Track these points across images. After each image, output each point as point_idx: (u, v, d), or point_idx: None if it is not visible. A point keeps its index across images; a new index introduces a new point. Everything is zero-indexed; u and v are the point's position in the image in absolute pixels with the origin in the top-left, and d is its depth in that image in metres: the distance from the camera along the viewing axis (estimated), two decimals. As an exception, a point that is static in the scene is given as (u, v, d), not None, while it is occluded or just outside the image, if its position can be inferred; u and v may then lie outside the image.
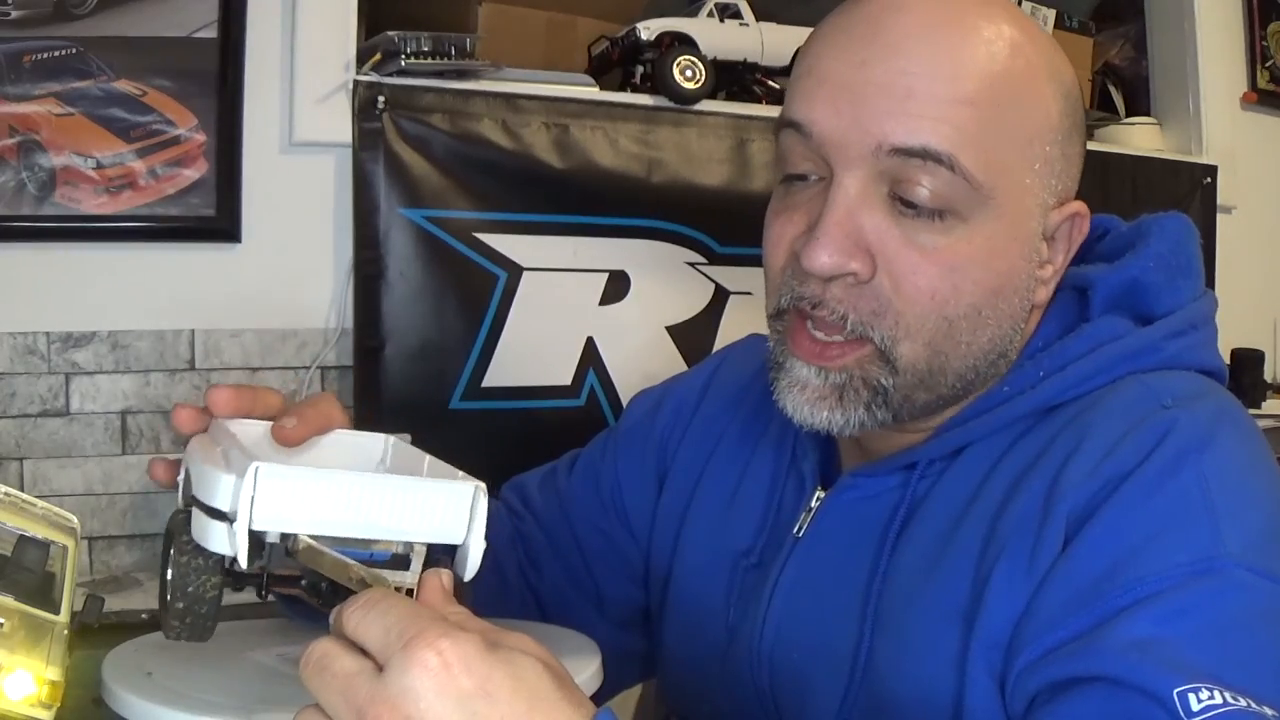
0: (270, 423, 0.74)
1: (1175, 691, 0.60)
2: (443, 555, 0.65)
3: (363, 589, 0.57)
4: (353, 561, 0.60)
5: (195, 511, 0.64)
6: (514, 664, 0.52)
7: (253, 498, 0.59)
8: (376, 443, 0.78)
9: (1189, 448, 0.69)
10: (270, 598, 0.71)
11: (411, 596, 0.58)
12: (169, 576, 0.67)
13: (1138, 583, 0.65)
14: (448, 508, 0.63)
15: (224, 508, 0.61)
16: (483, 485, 0.64)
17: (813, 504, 0.84)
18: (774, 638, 0.83)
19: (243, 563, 0.60)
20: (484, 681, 0.50)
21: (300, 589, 0.70)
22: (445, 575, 0.58)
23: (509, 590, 1.00)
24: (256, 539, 0.61)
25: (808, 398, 0.76)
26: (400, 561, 0.64)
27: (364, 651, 0.53)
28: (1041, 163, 0.75)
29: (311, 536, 0.61)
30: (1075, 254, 0.84)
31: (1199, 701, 0.60)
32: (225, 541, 0.61)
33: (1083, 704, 0.63)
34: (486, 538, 0.65)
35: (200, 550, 0.65)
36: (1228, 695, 0.60)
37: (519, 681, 0.51)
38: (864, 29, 0.73)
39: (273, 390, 0.76)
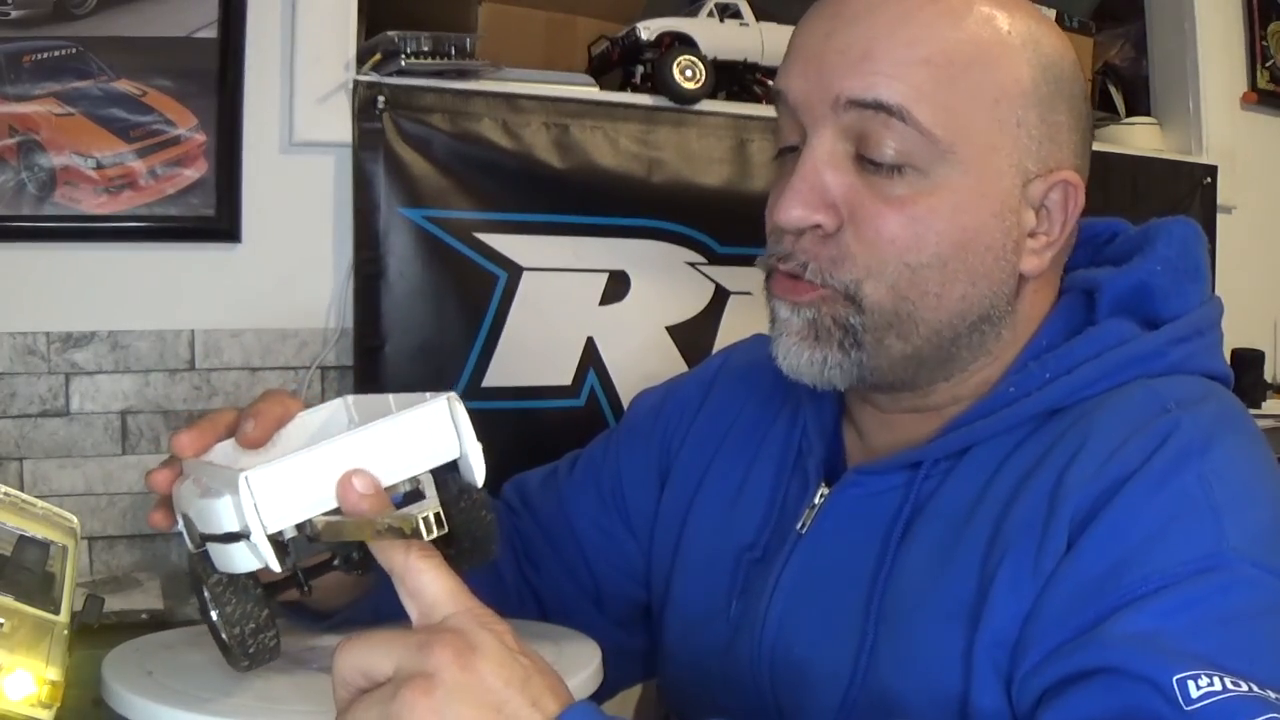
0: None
1: (1175, 679, 0.61)
2: (450, 474, 0.66)
3: (391, 535, 0.58)
4: (372, 517, 0.61)
5: (212, 547, 0.64)
6: (478, 681, 0.54)
7: (255, 505, 0.60)
8: (338, 407, 0.80)
9: (1191, 450, 0.70)
10: (310, 590, 0.72)
11: (439, 524, 0.58)
12: (216, 619, 0.67)
13: (1141, 580, 0.66)
14: (431, 429, 0.64)
15: (235, 528, 0.61)
16: (454, 395, 0.65)
17: (816, 500, 0.85)
18: (775, 633, 0.83)
19: (275, 567, 0.61)
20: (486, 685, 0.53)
21: (335, 568, 0.70)
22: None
23: (506, 588, 1.00)
24: (277, 540, 0.61)
25: (792, 341, 0.79)
26: (414, 496, 0.65)
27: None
28: (1014, 125, 0.76)
29: (324, 514, 0.61)
30: (1086, 257, 0.84)
31: (1198, 688, 0.60)
32: (251, 558, 0.62)
33: (1086, 697, 0.63)
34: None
35: (233, 583, 0.65)
36: (1228, 681, 0.61)
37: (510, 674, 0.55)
38: (833, 4, 0.78)
39: (225, 409, 0.77)
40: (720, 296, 1.96)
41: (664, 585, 0.96)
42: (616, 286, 1.89)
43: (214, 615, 0.67)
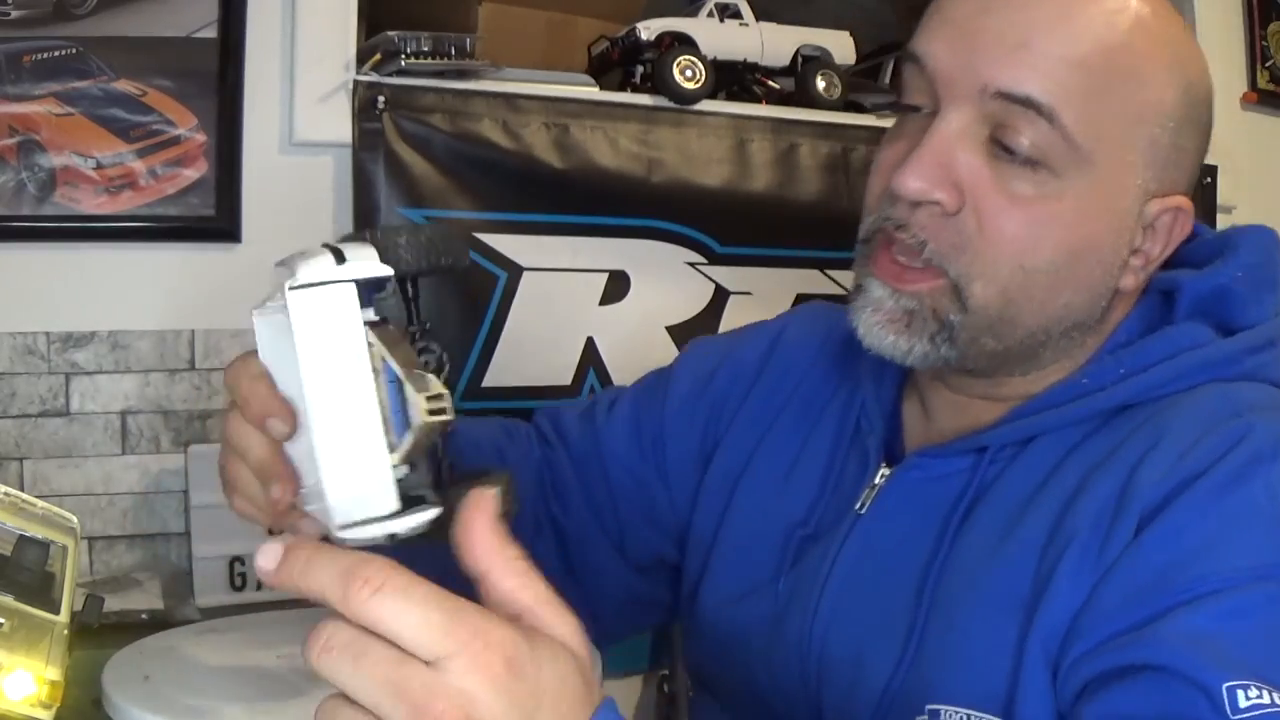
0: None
1: (1225, 686, 0.61)
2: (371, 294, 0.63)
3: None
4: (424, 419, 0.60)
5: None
6: (557, 664, 0.51)
7: (357, 521, 0.59)
8: (266, 322, 0.75)
9: (1260, 456, 0.70)
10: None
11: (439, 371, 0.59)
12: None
13: (1198, 581, 0.65)
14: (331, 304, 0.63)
15: (382, 537, 0.59)
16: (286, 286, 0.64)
17: (877, 480, 0.84)
18: (830, 613, 0.83)
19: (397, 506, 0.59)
20: (535, 685, 0.50)
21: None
22: (488, 501, 0.55)
23: (524, 517, 0.98)
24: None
25: (879, 319, 0.78)
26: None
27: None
28: (1148, 144, 0.76)
29: (397, 461, 0.60)
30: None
31: (1247, 699, 0.60)
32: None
33: (1131, 692, 0.63)
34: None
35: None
36: (1276, 696, 0.60)
37: (562, 683, 0.51)
38: None
39: (227, 446, 0.70)
40: (720, 296, 1.95)
41: (703, 557, 0.95)
42: (616, 286, 1.89)
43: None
